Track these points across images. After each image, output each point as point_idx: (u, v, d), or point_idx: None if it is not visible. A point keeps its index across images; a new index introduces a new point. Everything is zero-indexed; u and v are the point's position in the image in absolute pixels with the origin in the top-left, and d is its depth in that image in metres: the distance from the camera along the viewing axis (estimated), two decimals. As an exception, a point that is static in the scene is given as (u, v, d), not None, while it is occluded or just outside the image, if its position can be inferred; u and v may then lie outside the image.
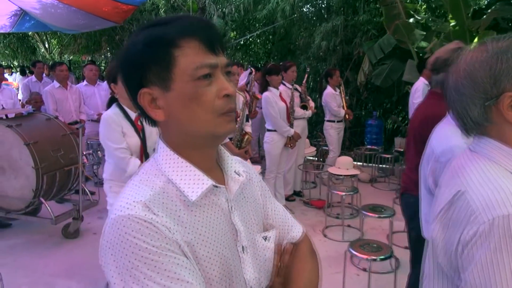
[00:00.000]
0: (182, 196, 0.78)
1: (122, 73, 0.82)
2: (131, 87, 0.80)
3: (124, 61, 0.80)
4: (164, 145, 0.82)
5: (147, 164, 0.83)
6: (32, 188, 3.66)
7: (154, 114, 0.79)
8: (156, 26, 0.77)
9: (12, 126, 3.62)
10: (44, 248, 3.81)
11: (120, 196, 0.77)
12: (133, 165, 2.40)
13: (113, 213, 0.73)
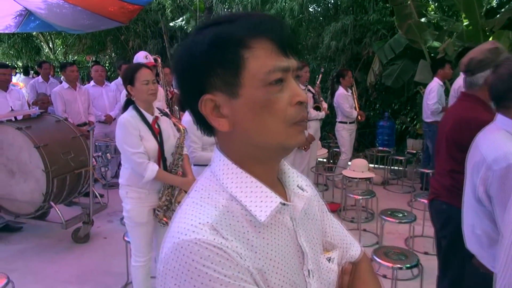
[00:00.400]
0: (249, 215, 0.69)
1: (179, 77, 0.72)
2: (189, 93, 0.71)
3: (183, 64, 0.70)
4: (224, 157, 0.73)
5: (204, 179, 0.74)
6: (42, 191, 3.57)
7: (217, 123, 0.69)
8: (222, 24, 0.68)
9: (22, 128, 3.53)
10: (54, 253, 3.72)
11: (179, 216, 0.68)
12: (151, 171, 2.31)
13: (176, 237, 0.63)
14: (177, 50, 0.74)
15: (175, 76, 0.73)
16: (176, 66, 0.72)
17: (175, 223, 0.67)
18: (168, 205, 2.46)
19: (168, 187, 2.44)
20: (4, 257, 3.64)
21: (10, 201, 3.75)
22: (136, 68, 2.39)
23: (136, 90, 2.38)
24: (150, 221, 2.46)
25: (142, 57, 3.90)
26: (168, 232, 0.67)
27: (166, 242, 0.66)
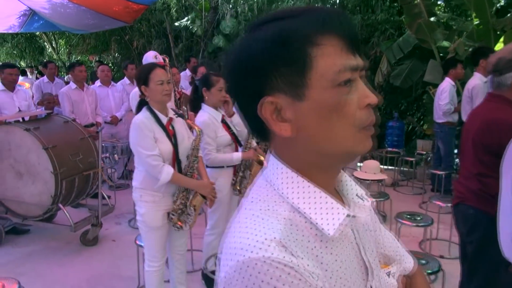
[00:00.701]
0: (314, 229, 0.62)
1: (233, 78, 0.66)
2: (246, 95, 0.65)
3: (240, 63, 0.64)
4: (283, 165, 0.66)
5: (259, 188, 0.67)
6: (51, 194, 3.51)
7: (278, 128, 0.63)
8: (285, 19, 0.62)
9: (30, 129, 3.47)
10: (62, 255, 3.66)
11: (239, 230, 0.61)
12: (166, 174, 2.24)
13: (240, 254, 0.57)
14: (231, 50, 0.67)
15: (228, 77, 0.67)
16: (232, 66, 0.65)
17: (235, 238, 0.60)
18: (182, 209, 2.40)
19: (183, 190, 2.38)
20: (12, 260, 3.58)
21: (17, 203, 3.69)
22: (150, 68, 2.32)
23: (151, 90, 2.31)
24: (164, 225, 2.40)
25: (151, 57, 3.84)
26: (226, 248, 0.61)
27: (225, 259, 0.59)
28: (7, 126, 3.57)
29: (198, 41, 8.68)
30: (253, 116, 0.65)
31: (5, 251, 3.72)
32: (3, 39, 11.92)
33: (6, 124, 3.58)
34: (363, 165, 4.32)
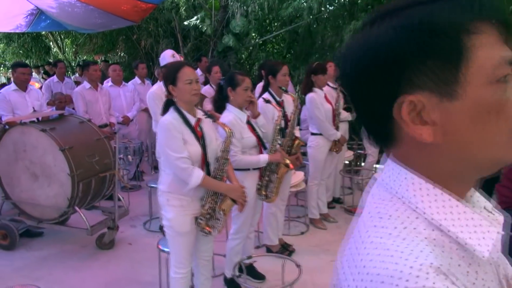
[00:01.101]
0: (461, 250, 0.53)
1: (359, 76, 0.56)
2: (375, 95, 0.55)
3: (372, 58, 0.54)
4: (412, 174, 0.56)
5: (383, 201, 0.58)
6: (67, 196, 3.42)
7: (418, 132, 0.53)
8: (428, 3, 0.52)
9: (46, 130, 3.38)
10: (77, 260, 3.57)
11: (378, 253, 0.51)
12: (196, 177, 2.15)
13: (391, 283, 0.47)
14: (354, 43, 0.57)
15: (350, 74, 0.57)
16: (357, 62, 0.56)
17: (374, 263, 0.50)
18: (211, 213, 2.30)
19: (212, 194, 2.28)
20: (27, 264, 3.49)
21: (32, 205, 3.60)
22: (178, 67, 2.23)
23: (179, 90, 2.22)
24: (192, 230, 2.30)
25: (169, 56, 3.74)
26: (360, 274, 0.51)
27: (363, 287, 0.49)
28: (23, 127, 3.48)
29: (207, 41, 8.58)
30: (379, 117, 0.56)
31: (19, 255, 3.63)
32: (9, 39, 11.84)
33: (21, 125, 3.49)
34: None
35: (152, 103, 3.75)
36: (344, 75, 0.61)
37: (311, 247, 3.77)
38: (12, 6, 7.86)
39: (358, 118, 0.63)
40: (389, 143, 0.59)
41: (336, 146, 4.13)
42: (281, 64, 3.38)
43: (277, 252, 3.57)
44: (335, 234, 4.08)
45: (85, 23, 8.63)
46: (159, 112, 3.73)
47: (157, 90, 3.76)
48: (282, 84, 3.33)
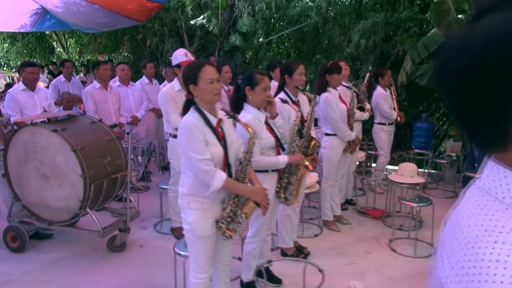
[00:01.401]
0: None
1: (483, 67, 0.49)
2: (497, 88, 0.48)
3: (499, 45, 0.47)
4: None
5: (490, 211, 0.51)
6: (79, 198, 3.35)
7: None
8: None
9: (58, 130, 3.31)
10: (89, 262, 3.50)
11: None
12: (219, 179, 2.08)
13: None
14: (464, 36, 0.51)
15: (464, 69, 0.50)
16: (477, 53, 0.49)
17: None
18: (232, 217, 2.23)
19: (234, 197, 2.21)
20: (38, 267, 3.42)
21: (42, 207, 3.54)
22: (199, 66, 2.16)
23: (200, 89, 2.15)
24: (213, 234, 2.23)
25: (182, 55, 3.66)
26: None
27: None
28: (33, 127, 3.41)
29: (213, 40, 8.52)
30: (498, 115, 0.49)
31: (29, 257, 3.57)
32: (13, 38, 11.79)
33: (32, 125, 3.42)
34: (399, 168, 4.14)
35: (164, 103, 3.68)
36: (451, 71, 0.54)
37: (325, 250, 3.70)
38: (17, 6, 7.81)
39: (460, 118, 0.56)
40: (502, 146, 0.52)
41: (351, 147, 4.06)
42: (297, 63, 3.31)
43: (292, 255, 3.50)
44: (349, 236, 4.01)
45: (90, 22, 8.58)
46: (171, 112, 3.69)
47: (169, 90, 3.69)
48: (298, 84, 3.26)
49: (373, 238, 3.95)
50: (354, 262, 3.46)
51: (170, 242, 3.89)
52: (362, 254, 3.63)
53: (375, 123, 5.13)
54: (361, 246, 3.78)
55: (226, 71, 4.80)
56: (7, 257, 3.55)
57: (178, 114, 3.71)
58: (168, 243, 3.88)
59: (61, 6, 7.93)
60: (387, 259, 3.54)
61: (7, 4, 7.65)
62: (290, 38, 8.17)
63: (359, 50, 6.93)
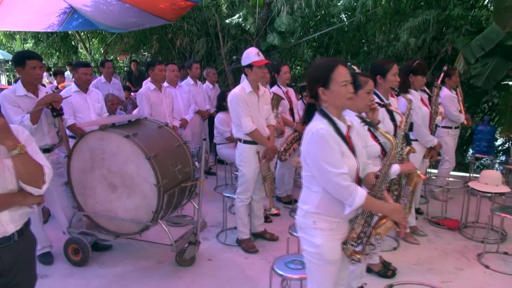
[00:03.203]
0: None
1: None
2: None
3: None
4: None
5: None
6: (151, 209, 3.10)
7: None
8: None
9: (130, 136, 3.06)
10: (159, 278, 3.24)
11: None
12: (360, 196, 1.80)
13: None
14: None
15: None
16: None
17: None
18: (363, 238, 1.95)
19: (367, 216, 1.94)
20: (105, 283, 3.17)
21: (108, 218, 3.29)
22: (332, 66, 1.88)
23: (332, 93, 1.88)
24: (340, 258, 1.96)
25: (254, 54, 3.40)
26: None
27: None
28: (101, 133, 3.16)
29: (248, 39, 8.25)
30: None
31: (93, 272, 3.32)
32: (38, 39, 11.62)
33: (100, 130, 3.17)
34: (481, 175, 3.84)
35: (236, 106, 3.42)
36: None
37: (411, 266, 3.41)
38: (45, 5, 7.63)
39: None
40: None
41: (431, 153, 3.77)
42: (391, 63, 3.03)
43: (379, 272, 3.22)
44: (430, 249, 3.71)
45: (119, 22, 8.38)
46: (243, 115, 3.42)
47: (240, 92, 3.43)
48: (393, 85, 2.98)
49: (458, 252, 3.65)
50: (448, 280, 3.17)
51: (239, 255, 3.64)
52: (453, 270, 3.34)
53: (439, 126, 4.83)
54: (449, 261, 3.49)
55: (285, 72, 4.53)
56: (70, 272, 3.31)
57: (250, 118, 3.47)
58: (237, 256, 3.62)
59: (91, 5, 7.74)
60: (482, 276, 3.25)
61: (36, 3, 7.46)
62: (330, 37, 7.87)
63: (408, 49, 6.63)
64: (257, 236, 3.89)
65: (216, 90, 6.45)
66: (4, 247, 1.78)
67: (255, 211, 3.84)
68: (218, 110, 5.06)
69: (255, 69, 3.40)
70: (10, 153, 1.70)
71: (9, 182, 1.77)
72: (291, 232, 2.96)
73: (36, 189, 1.79)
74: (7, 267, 1.80)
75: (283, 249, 3.71)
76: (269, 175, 3.64)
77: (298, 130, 4.53)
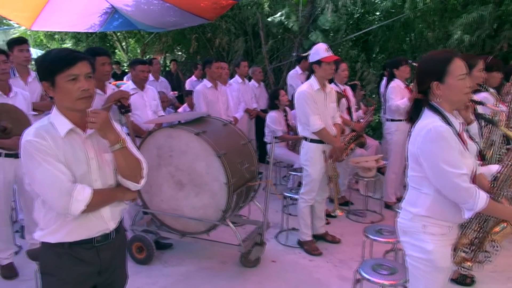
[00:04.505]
0: None
1: None
2: None
3: None
4: None
5: None
6: (221, 208, 3.03)
7: None
8: None
9: (199, 133, 3.00)
10: (226, 279, 3.17)
11: None
12: (481, 199, 1.66)
13: None
14: None
15: None
16: None
17: None
18: (477, 244, 1.81)
19: (483, 220, 1.79)
20: (172, 282, 3.13)
21: (175, 217, 3.24)
22: (448, 59, 1.75)
23: (448, 88, 1.74)
24: (451, 265, 1.82)
25: (323, 50, 3.28)
26: None
27: None
28: (170, 130, 3.12)
29: (290, 38, 8.13)
30: None
31: (158, 271, 3.28)
32: (77, 39, 11.85)
33: (170, 127, 3.13)
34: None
35: (303, 104, 3.31)
36: None
37: (489, 273, 3.21)
38: (89, 5, 7.73)
39: None
40: None
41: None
42: (476, 58, 2.86)
43: (457, 279, 3.05)
44: (507, 256, 3.50)
45: (158, 21, 8.43)
46: (311, 113, 3.32)
47: (308, 89, 3.32)
48: (479, 81, 2.81)
49: (537, 259, 3.43)
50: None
51: (302, 257, 3.54)
52: (536, 279, 3.13)
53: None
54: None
55: (343, 69, 4.40)
56: (135, 270, 3.27)
57: (318, 116, 3.35)
58: (301, 258, 3.52)
59: (132, 5, 7.81)
60: None
61: (80, 3, 7.57)
62: (375, 34, 7.66)
63: (461, 46, 6.36)
64: (318, 238, 3.77)
65: (262, 89, 6.37)
66: (104, 244, 1.74)
67: (317, 212, 3.73)
68: (270, 108, 4.97)
69: (324, 65, 3.29)
70: (112, 147, 1.65)
71: (109, 177, 1.73)
72: (367, 235, 2.83)
73: (135, 184, 1.75)
74: (106, 265, 1.76)
75: (348, 253, 3.59)
76: (335, 175, 3.52)
77: (356, 129, 4.39)
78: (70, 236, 1.66)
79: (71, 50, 1.65)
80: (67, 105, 1.62)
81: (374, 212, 4.54)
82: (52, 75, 1.58)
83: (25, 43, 3.67)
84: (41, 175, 1.56)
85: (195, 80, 8.13)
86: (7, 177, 3.09)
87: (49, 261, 1.68)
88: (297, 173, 4.50)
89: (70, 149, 1.62)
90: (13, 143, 2.99)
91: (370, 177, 4.21)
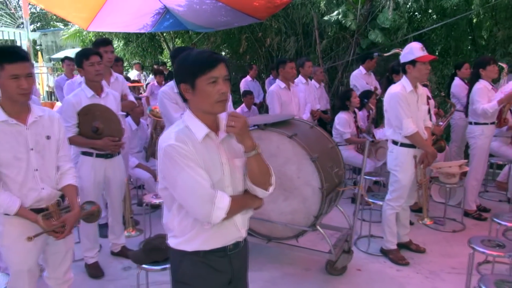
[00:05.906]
0: None
1: None
2: None
3: None
4: None
5: None
6: (312, 213, 2.93)
7: None
8: None
9: (292, 136, 2.90)
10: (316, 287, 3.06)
11: None
12: None
13: None
14: None
15: None
16: None
17: None
18: None
19: None
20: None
21: (260, 221, 3.16)
22: None
23: None
24: None
25: (419, 49, 3.11)
26: None
27: None
28: (260, 132, 3.03)
29: (345, 37, 7.93)
30: None
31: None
32: (128, 39, 12.09)
33: (260, 129, 3.05)
34: None
35: (397, 106, 3.15)
36: None
37: None
38: (142, 5, 7.83)
39: None
40: None
41: None
42: None
43: None
44: None
45: (209, 21, 8.43)
46: (404, 116, 3.13)
47: (401, 91, 3.16)
48: None
49: None
50: None
51: (388, 266, 3.38)
52: None
53: None
54: None
55: (465, 67, 4.17)
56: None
57: (411, 120, 3.18)
58: (387, 268, 3.36)
59: (184, 5, 7.86)
60: None
61: (134, 4, 7.67)
62: (437, 33, 7.33)
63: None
64: (401, 247, 3.59)
65: (322, 89, 6.22)
66: (236, 252, 1.68)
67: (401, 219, 3.55)
68: (340, 109, 4.82)
69: (418, 65, 3.12)
70: (248, 153, 1.58)
71: (238, 183, 1.66)
72: (473, 247, 2.64)
73: (264, 191, 1.68)
74: (237, 274, 1.70)
75: (437, 263, 3.40)
76: (425, 181, 3.34)
77: (435, 133, 4.18)
78: (207, 244, 1.60)
79: (211, 52, 1.58)
80: (205, 108, 1.56)
81: (453, 220, 4.30)
82: (193, 78, 1.52)
83: (110, 45, 3.72)
84: (184, 181, 1.50)
85: (250, 80, 8.10)
86: (97, 177, 3.11)
87: (186, 270, 1.62)
88: (371, 177, 4.34)
89: (207, 154, 1.56)
90: (104, 143, 3.01)
91: (453, 183, 3.99)
